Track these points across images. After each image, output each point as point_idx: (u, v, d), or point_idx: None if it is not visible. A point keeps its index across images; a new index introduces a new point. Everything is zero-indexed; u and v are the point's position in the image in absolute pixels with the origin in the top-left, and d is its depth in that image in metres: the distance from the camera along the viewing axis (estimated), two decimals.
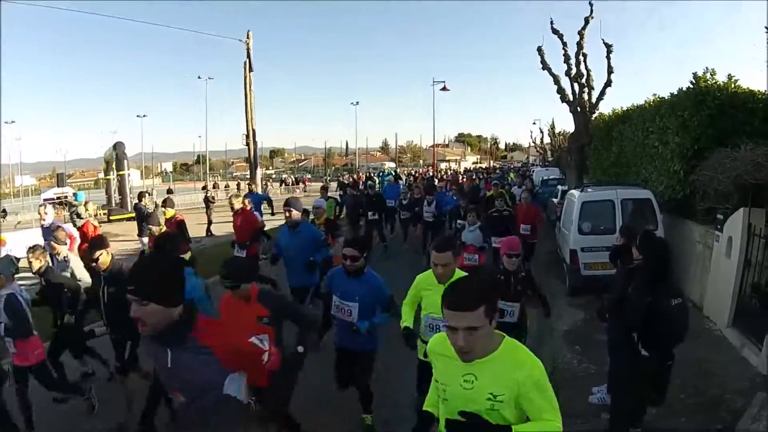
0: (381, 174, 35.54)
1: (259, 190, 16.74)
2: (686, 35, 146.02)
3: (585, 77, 16.22)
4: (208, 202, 19.62)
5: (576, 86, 16.40)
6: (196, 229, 19.17)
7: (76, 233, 10.50)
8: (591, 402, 5.50)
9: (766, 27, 5.56)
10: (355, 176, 42.36)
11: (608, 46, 15.90)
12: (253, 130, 16.26)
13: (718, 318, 7.19)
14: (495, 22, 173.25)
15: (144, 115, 71.60)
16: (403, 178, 31.73)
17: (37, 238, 12.94)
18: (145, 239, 10.87)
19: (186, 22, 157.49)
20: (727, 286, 6.92)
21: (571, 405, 5.50)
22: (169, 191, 37.77)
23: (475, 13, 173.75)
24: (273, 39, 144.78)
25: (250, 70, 16.20)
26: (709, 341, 6.73)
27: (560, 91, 16.76)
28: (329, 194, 12.40)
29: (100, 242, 5.19)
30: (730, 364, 6.00)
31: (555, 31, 16.81)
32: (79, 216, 11.90)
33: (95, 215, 12.53)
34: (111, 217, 24.52)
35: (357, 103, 70.92)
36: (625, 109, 13.27)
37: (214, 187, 42.93)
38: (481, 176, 32.69)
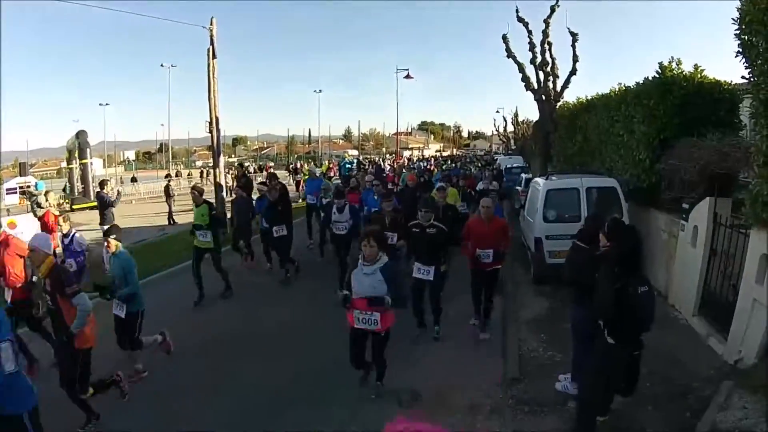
0: (342, 162, 34.36)
1: (222, 179, 16.18)
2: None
3: (550, 65, 16.26)
4: (168, 191, 19.96)
5: (541, 74, 16.44)
6: (160, 219, 20.31)
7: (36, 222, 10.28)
8: (557, 389, 5.50)
9: (733, 19, 5.51)
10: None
11: (574, 35, 15.98)
12: (217, 118, 15.79)
13: (683, 307, 7.26)
14: (459, 10, 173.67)
15: (107, 104, 69.49)
16: (365, 165, 30.34)
17: None
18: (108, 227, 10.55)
19: (148, 8, 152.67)
20: (692, 276, 6.98)
21: (537, 393, 5.52)
22: (134, 180, 36.94)
23: (439, 1, 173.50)
24: (236, 26, 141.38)
25: (214, 57, 15.73)
26: (675, 330, 6.80)
27: (525, 79, 16.78)
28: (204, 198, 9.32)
29: None
30: (697, 353, 6.06)
31: (520, 20, 16.79)
32: (39, 206, 11.79)
33: (57, 205, 12.33)
34: (74, 206, 24.67)
35: (320, 91, 70.31)
36: (589, 97, 13.31)
37: (176, 176, 41.94)
38: (442, 166, 28.56)
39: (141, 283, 6.40)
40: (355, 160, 35.57)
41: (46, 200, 11.80)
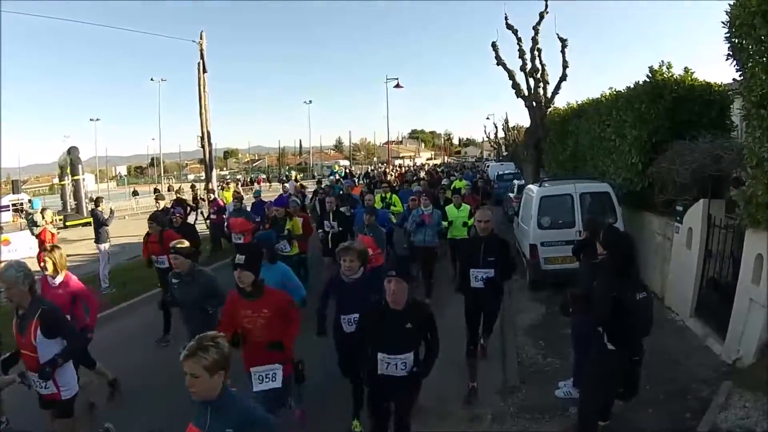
0: (331, 173, 33.74)
1: (216, 193, 15.91)
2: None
3: (540, 72, 16.32)
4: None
5: (531, 81, 16.47)
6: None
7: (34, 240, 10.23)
8: (557, 396, 5.48)
9: (722, 22, 5.58)
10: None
11: (563, 41, 16.05)
12: (208, 132, 15.79)
13: (680, 308, 7.27)
14: (449, 18, 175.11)
15: (97, 119, 68.65)
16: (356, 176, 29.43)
17: None
18: (102, 246, 10.57)
19: (137, 23, 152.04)
20: (688, 277, 7.00)
21: (537, 400, 5.50)
22: (135, 193, 36.69)
23: (428, 10, 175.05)
24: (225, 38, 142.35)
25: (204, 71, 15.78)
26: (673, 331, 6.81)
27: (515, 86, 16.78)
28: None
29: None
30: (695, 354, 6.07)
31: (509, 27, 16.84)
32: (35, 224, 11.74)
33: (52, 221, 12.28)
34: (67, 223, 24.45)
35: (310, 101, 70.29)
36: (580, 103, 13.40)
37: (168, 190, 41.56)
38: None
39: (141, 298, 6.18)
40: (344, 170, 34.75)
41: (43, 218, 11.73)
